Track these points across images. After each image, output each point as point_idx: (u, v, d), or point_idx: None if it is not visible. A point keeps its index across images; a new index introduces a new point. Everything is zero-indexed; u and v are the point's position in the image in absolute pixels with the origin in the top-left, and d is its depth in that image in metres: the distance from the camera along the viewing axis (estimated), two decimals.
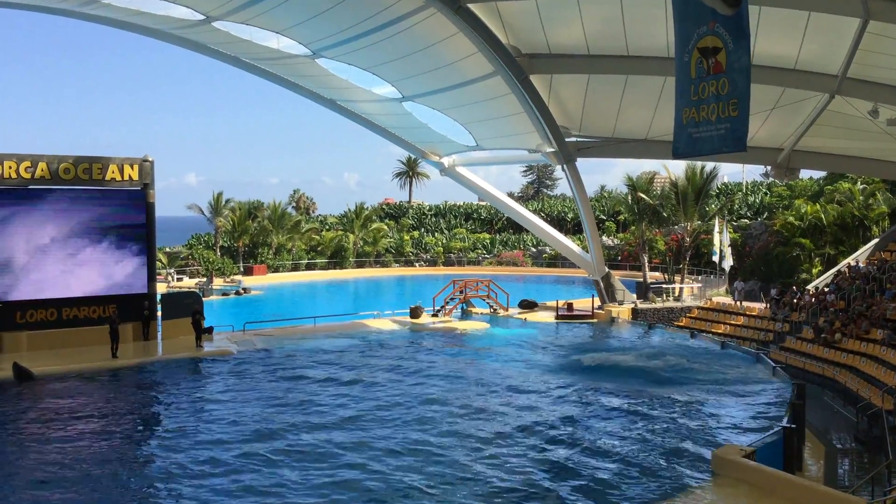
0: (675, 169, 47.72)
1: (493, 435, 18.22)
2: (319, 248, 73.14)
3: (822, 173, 56.38)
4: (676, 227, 54.78)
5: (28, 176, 28.55)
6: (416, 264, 75.69)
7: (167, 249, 64.81)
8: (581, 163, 39.24)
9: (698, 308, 41.01)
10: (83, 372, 25.50)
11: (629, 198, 51.47)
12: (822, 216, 51.98)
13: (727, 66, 12.22)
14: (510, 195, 74.30)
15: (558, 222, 79.31)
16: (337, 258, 72.60)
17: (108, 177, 30.07)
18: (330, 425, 19.08)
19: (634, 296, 43.91)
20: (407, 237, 79.46)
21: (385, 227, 78.46)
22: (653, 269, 54.10)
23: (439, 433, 18.31)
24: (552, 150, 37.41)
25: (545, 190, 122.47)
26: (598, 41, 29.71)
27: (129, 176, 30.57)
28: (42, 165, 28.77)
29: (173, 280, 57.07)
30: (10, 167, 28.19)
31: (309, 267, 70.59)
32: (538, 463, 16.05)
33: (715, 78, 12.50)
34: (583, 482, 14.91)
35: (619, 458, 16.43)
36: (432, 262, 75.66)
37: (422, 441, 17.63)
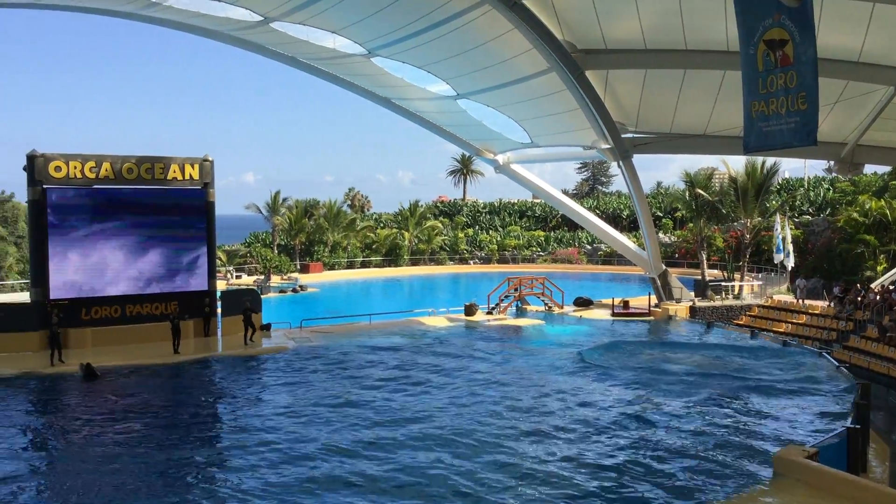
0: (735, 164, 46.80)
1: (551, 434, 18.12)
2: (374, 246, 73.58)
3: (887, 168, 54.72)
4: (736, 223, 53.79)
5: (93, 176, 29.29)
6: (471, 262, 75.66)
7: (226, 247, 65.88)
8: (637, 159, 38.78)
9: (759, 306, 40.20)
10: (146, 367, 26.09)
11: (687, 194, 50.70)
12: (888, 212, 50.54)
13: (794, 58, 11.93)
14: (565, 192, 73.95)
15: (614, 219, 78.52)
16: (391, 256, 72.96)
17: (169, 176, 30.68)
18: (384, 421, 19.18)
19: (692, 293, 43.24)
20: (461, 235, 79.48)
21: (439, 225, 78.58)
22: (711, 266, 53.18)
23: (498, 431, 18.26)
24: (608, 146, 37.02)
25: (600, 187, 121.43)
26: (656, 35, 29.30)
27: (190, 175, 31.14)
28: (106, 165, 29.47)
29: (232, 278, 58.01)
30: (76, 167, 28.96)
31: (364, 264, 71.09)
32: (599, 463, 15.89)
33: (783, 71, 12.21)
34: (645, 483, 14.75)
35: (679, 458, 16.22)
36: (486, 260, 75.56)
37: (480, 440, 17.61)
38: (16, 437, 18.55)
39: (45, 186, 28.63)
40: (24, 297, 39.15)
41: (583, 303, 41.46)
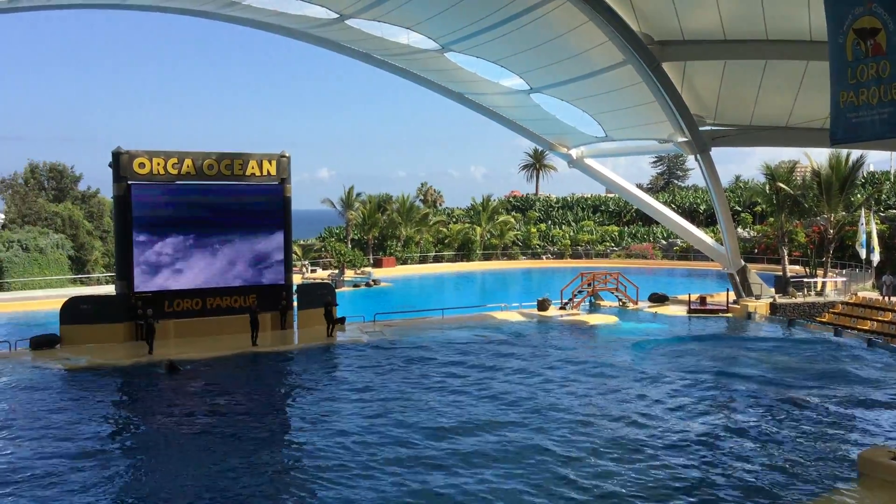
0: (818, 157, 45.40)
1: (630, 433, 17.92)
2: (447, 241, 73.78)
3: None
4: (818, 218, 52.14)
5: (175, 172, 30.14)
6: (543, 257, 75.21)
7: (301, 242, 66.97)
8: (715, 152, 37.94)
9: (842, 303, 38.90)
10: (226, 359, 26.75)
11: (767, 188, 49.32)
12: None
13: (887, 47, 11.47)
14: (639, 186, 72.68)
15: (690, 214, 76.99)
16: (464, 250, 73.05)
17: (248, 172, 31.35)
18: (456, 415, 19.25)
19: (772, 290, 42.10)
20: (534, 230, 79.06)
21: (512, 220, 78.30)
22: (792, 262, 51.69)
23: (571, 430, 18.15)
24: (685, 139, 36.31)
25: (676, 181, 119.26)
26: (735, 25, 28.59)
27: (268, 171, 31.76)
28: (188, 162, 30.29)
29: (308, 272, 58.91)
30: (159, 164, 29.84)
31: (436, 259, 71.37)
32: (681, 464, 15.65)
33: (875, 60, 11.75)
34: (727, 483, 14.54)
35: (762, 458, 15.92)
36: (559, 255, 75.00)
37: (555, 440, 17.53)
38: (102, 424, 19.25)
39: (129, 182, 29.59)
40: (109, 289, 40.50)
41: (658, 299, 40.82)
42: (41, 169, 62.43)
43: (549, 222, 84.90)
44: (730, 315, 37.12)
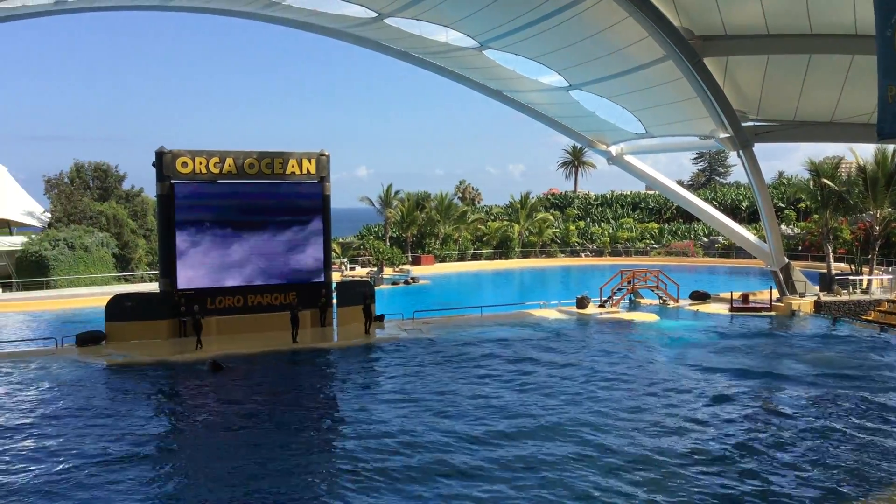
0: (864, 153, 44.43)
1: (678, 432, 17.75)
2: (485, 238, 73.71)
3: None
4: (864, 214, 51.13)
5: (217, 171, 30.52)
6: (582, 254, 74.80)
7: (340, 240, 67.30)
8: (758, 148, 37.38)
9: (889, 301, 38.11)
10: (267, 355, 27.02)
11: (811, 184, 48.47)
12: None
13: None
14: (680, 183, 71.92)
15: (732, 211, 76.05)
16: (502, 248, 72.91)
17: (288, 171, 31.64)
18: (496, 414, 19.23)
19: (817, 288, 41.37)
20: (572, 227, 78.64)
21: (550, 217, 77.95)
22: (837, 259, 50.81)
23: (620, 428, 18.01)
24: (727, 135, 35.83)
25: (717, 177, 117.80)
26: (778, 20, 28.14)
27: (307, 170, 32.02)
28: (229, 161, 30.65)
29: (346, 269, 59.25)
30: (201, 163, 30.24)
31: (475, 257, 71.33)
32: (733, 462, 15.49)
33: None
34: (781, 481, 14.43)
35: (814, 455, 15.81)
36: (598, 253, 74.54)
37: (601, 437, 17.41)
38: (145, 421, 19.56)
39: (172, 181, 30.03)
40: (153, 287, 41.15)
41: (699, 296, 40.37)
42: (86, 168, 63.48)
43: (588, 220, 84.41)
44: (773, 313, 36.58)
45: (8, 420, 19.14)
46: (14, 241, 57.36)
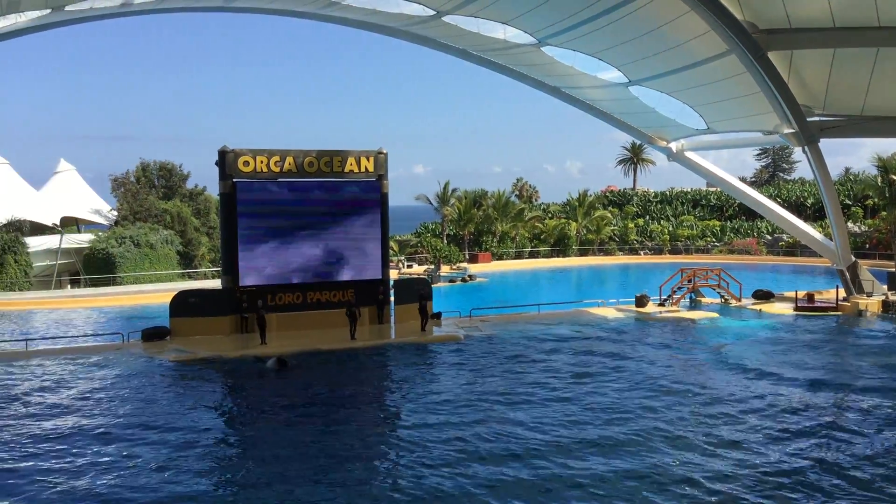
0: None
1: (742, 438, 17.40)
2: (542, 236, 73.37)
3: None
4: None
5: (277, 169, 30.96)
6: (641, 252, 73.92)
7: (398, 237, 67.67)
8: (823, 143, 36.41)
9: None
10: (325, 352, 27.32)
11: (879, 180, 47.10)
12: None
13: None
14: (742, 180, 70.56)
15: (797, 208, 74.29)
16: (560, 246, 72.49)
17: (346, 169, 31.94)
18: (555, 415, 19.12)
19: (885, 287, 40.16)
20: (631, 225, 77.76)
21: (609, 215, 77.20)
22: None
23: (683, 431, 17.68)
24: (791, 130, 34.98)
25: (781, 174, 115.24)
26: (845, 12, 27.33)
27: (366, 168, 32.27)
28: (289, 159, 31.06)
29: (404, 267, 59.59)
30: (262, 162, 30.70)
31: (532, 255, 71.06)
32: (794, 471, 15.10)
33: None
34: (841, 486, 13.99)
35: (872, 466, 15.23)
36: (658, 251, 73.58)
37: (663, 441, 17.17)
38: (208, 416, 19.95)
39: (234, 180, 30.54)
40: (215, 283, 41.94)
41: (763, 295, 39.54)
42: (152, 167, 64.98)
43: (647, 217, 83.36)
44: (839, 313, 35.65)
45: (77, 412, 19.71)
46: (82, 239, 59.06)
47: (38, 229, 60.17)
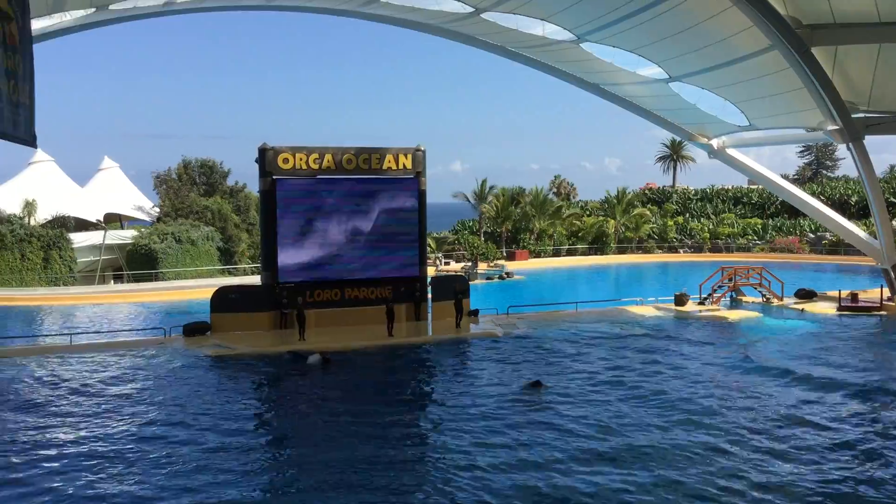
0: None
1: (782, 440, 17.16)
2: (580, 234, 73.01)
3: None
4: None
5: (316, 167, 31.19)
6: (680, 250, 73.19)
7: (435, 235, 67.79)
8: (868, 140, 35.69)
9: None
10: (363, 349, 27.47)
11: None
12: None
13: None
14: (785, 177, 69.50)
15: (840, 206, 72.92)
16: (597, 244, 72.09)
17: (384, 166, 32.06)
18: (595, 413, 19.02)
19: None
20: (671, 222, 77.03)
21: (647, 213, 76.57)
22: None
23: (720, 435, 17.51)
24: (835, 127, 34.35)
25: (825, 171, 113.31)
26: (891, 7, 26.71)
27: (404, 165, 32.35)
28: (328, 157, 31.27)
29: (441, 264, 59.68)
30: (301, 159, 30.95)
31: (570, 252, 70.77)
32: (839, 476, 14.81)
33: None
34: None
35: None
36: (697, 249, 72.79)
37: (703, 446, 16.99)
38: (246, 411, 20.20)
39: (274, 177, 30.82)
40: (255, 279, 42.38)
41: (805, 295, 38.93)
42: (193, 165, 65.82)
43: (687, 215, 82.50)
44: (884, 313, 34.97)
45: (119, 406, 20.05)
46: (125, 235, 60.07)
47: (83, 225, 61.35)
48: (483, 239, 69.18)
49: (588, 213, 79.64)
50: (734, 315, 34.82)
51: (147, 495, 13.97)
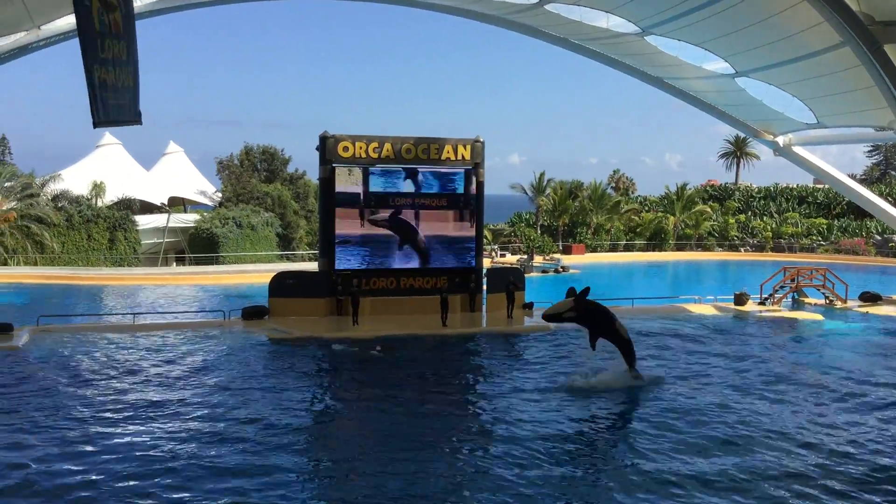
0: None
1: (848, 453, 16.77)
2: (638, 230, 72.20)
3: None
4: None
5: (375, 156, 31.42)
6: (741, 249, 71.89)
7: (491, 226, 67.73)
8: None
9: None
10: (417, 337, 27.63)
11: None
12: None
13: None
14: (852, 177, 67.70)
15: None
16: (656, 240, 71.22)
17: (443, 156, 32.13)
18: (650, 412, 18.86)
19: None
20: (732, 220, 75.64)
21: (708, 210, 75.30)
22: None
23: (783, 450, 17.09)
24: None
25: (893, 172, 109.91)
26: None
27: (462, 156, 32.39)
28: (387, 146, 31.47)
29: (497, 256, 59.64)
30: (361, 147, 31.22)
31: (627, 248, 70.09)
32: None
33: None
34: None
35: None
36: (759, 248, 71.41)
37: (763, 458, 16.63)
38: (305, 393, 20.53)
39: (334, 165, 31.14)
40: (312, 266, 42.93)
41: (870, 298, 37.91)
42: (255, 151, 66.88)
43: (749, 213, 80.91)
44: None
45: (179, 385, 20.56)
46: (188, 219, 61.43)
47: (147, 208, 62.90)
48: (539, 232, 68.91)
49: (647, 208, 78.70)
50: (796, 316, 34.11)
51: (203, 465, 14.39)
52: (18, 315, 30.49)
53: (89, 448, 15.39)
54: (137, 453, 15.08)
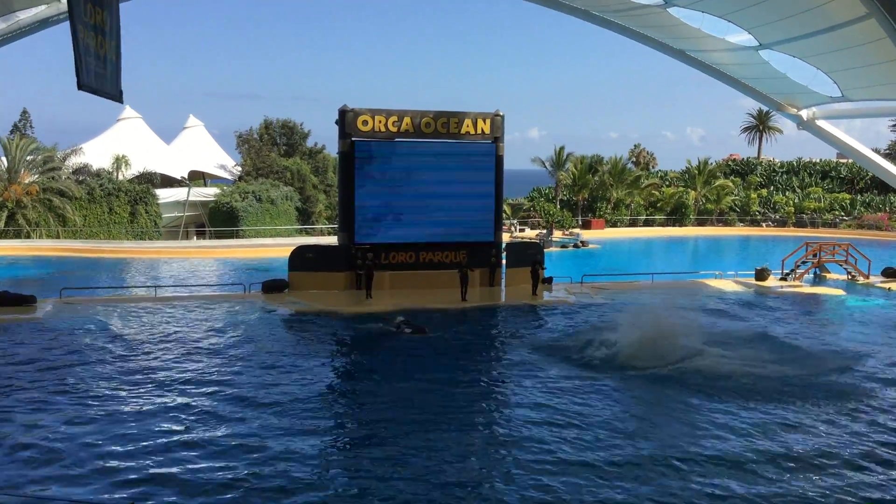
0: None
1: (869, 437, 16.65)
2: (658, 204, 71.68)
3: None
4: None
5: (395, 130, 31.32)
6: (763, 224, 71.28)
7: (510, 201, 67.49)
8: None
9: None
10: (437, 311, 27.66)
11: None
12: None
13: None
14: (876, 151, 66.76)
15: None
16: (676, 215, 70.73)
17: (463, 130, 31.98)
18: (672, 393, 18.81)
19: None
20: (754, 195, 74.90)
21: (730, 184, 74.55)
22: None
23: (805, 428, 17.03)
24: None
25: None
26: None
27: (482, 130, 32.21)
28: (407, 120, 31.36)
29: (516, 231, 59.52)
30: (380, 121, 31.13)
31: (647, 223, 69.68)
32: None
33: None
34: None
35: None
36: (781, 223, 70.76)
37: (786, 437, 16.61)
38: (324, 366, 20.63)
39: (353, 139, 31.09)
40: (331, 240, 43.01)
41: (893, 273, 37.52)
42: (274, 125, 66.88)
43: (772, 188, 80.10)
44: None
45: (199, 356, 20.75)
46: (208, 193, 61.68)
47: (168, 182, 63.16)
48: (559, 206, 68.62)
49: (667, 183, 78.05)
50: (817, 291, 33.89)
51: (222, 436, 14.53)
52: (41, 288, 30.80)
53: (109, 417, 15.59)
54: (156, 424, 15.26)
